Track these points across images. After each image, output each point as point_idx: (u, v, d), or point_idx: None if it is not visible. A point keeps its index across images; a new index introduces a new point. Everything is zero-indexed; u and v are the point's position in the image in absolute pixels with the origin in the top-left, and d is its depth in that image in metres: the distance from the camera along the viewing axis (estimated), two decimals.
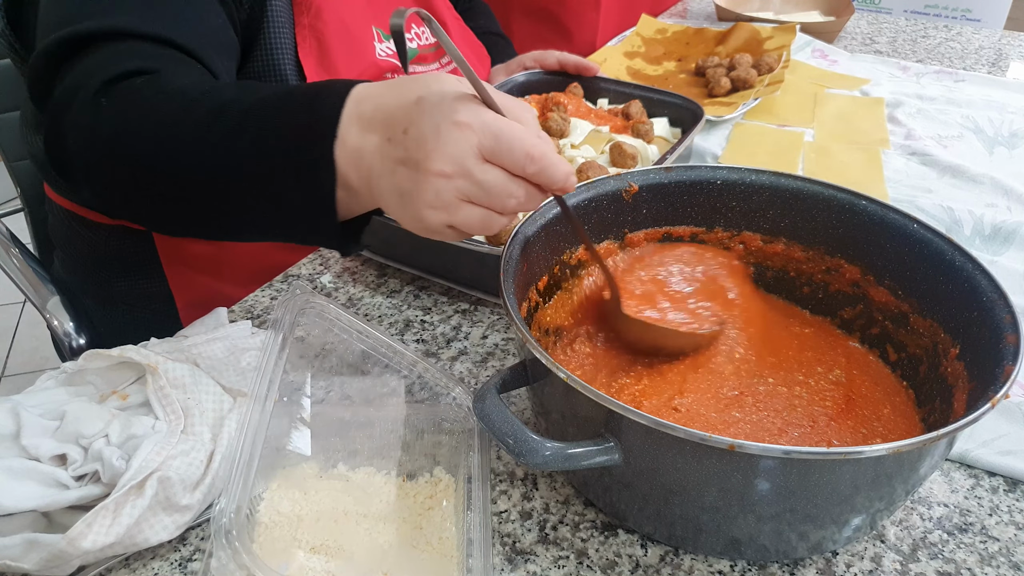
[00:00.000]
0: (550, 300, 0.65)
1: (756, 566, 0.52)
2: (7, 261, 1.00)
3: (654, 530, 0.53)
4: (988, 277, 0.54)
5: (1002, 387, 0.46)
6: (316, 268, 0.83)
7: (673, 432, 0.43)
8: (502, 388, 0.52)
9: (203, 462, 0.53)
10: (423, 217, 0.51)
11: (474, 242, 0.74)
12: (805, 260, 0.67)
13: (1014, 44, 1.51)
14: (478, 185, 0.50)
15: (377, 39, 0.91)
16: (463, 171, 0.49)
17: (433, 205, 0.51)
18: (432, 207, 0.51)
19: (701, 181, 0.67)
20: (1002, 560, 0.53)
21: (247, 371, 0.61)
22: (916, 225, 0.60)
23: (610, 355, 0.63)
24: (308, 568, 0.49)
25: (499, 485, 0.58)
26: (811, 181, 0.65)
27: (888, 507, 0.49)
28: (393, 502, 0.55)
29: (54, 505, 0.50)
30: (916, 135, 1.10)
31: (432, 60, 1.01)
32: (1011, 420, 0.63)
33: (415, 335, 0.73)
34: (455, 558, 0.51)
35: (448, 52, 0.49)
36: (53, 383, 0.58)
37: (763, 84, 1.18)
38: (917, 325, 0.59)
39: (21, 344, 2.17)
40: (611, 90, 1.09)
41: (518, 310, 0.54)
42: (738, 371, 0.61)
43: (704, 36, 1.41)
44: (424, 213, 0.51)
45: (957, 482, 0.59)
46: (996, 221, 0.89)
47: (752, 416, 0.57)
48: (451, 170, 0.49)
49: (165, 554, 0.53)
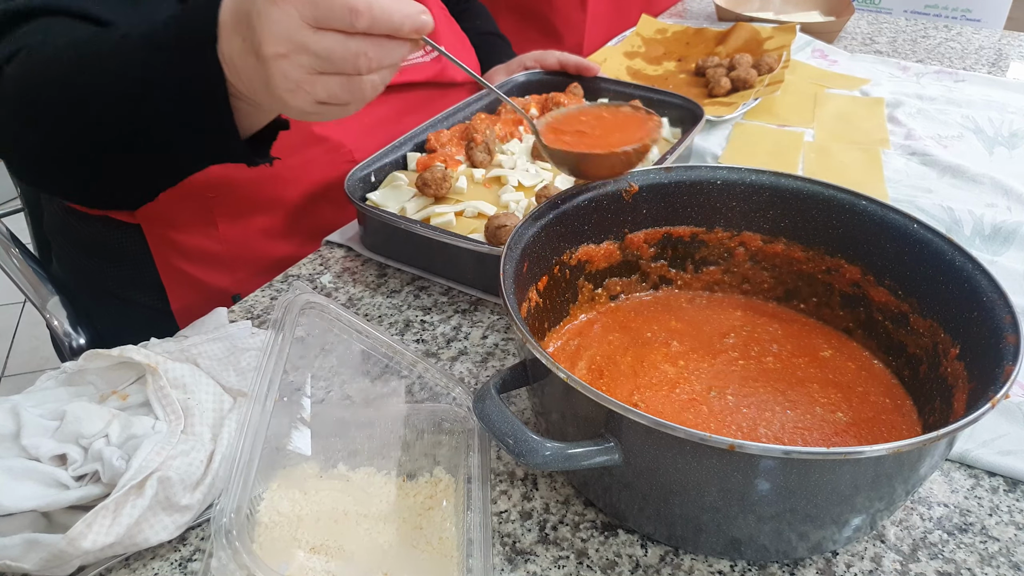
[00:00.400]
0: (550, 300, 0.65)
1: (756, 566, 0.52)
2: (7, 261, 1.00)
3: (654, 530, 0.53)
4: (988, 277, 0.54)
5: (1002, 387, 0.46)
6: (316, 268, 0.83)
7: (673, 432, 0.43)
8: (502, 388, 0.52)
9: (203, 462, 0.53)
10: (287, 102, 0.52)
11: (474, 242, 0.74)
12: (805, 260, 0.67)
13: (1014, 44, 1.51)
14: (318, 56, 0.50)
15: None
16: (297, 46, 0.49)
17: (288, 88, 0.51)
18: (288, 90, 0.51)
19: (701, 181, 0.67)
20: (1002, 560, 0.53)
21: (247, 371, 0.61)
22: (916, 225, 0.60)
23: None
24: (308, 568, 0.49)
25: (499, 485, 0.58)
26: (811, 181, 0.65)
27: (888, 507, 0.49)
28: (393, 502, 0.55)
29: (54, 505, 0.50)
30: (916, 135, 1.10)
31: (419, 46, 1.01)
32: (1011, 420, 0.63)
33: (415, 335, 0.73)
34: (455, 558, 0.51)
35: None
36: (53, 383, 0.58)
37: (763, 84, 1.18)
38: (917, 325, 0.59)
39: (21, 344, 2.17)
40: (611, 90, 1.09)
41: (518, 310, 0.54)
42: (738, 371, 0.61)
43: (704, 36, 1.41)
44: (286, 98, 0.52)
45: (957, 482, 0.59)
46: (996, 221, 0.89)
47: (751, 417, 0.57)
48: (285, 49, 0.49)
49: (165, 554, 0.53)
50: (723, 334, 0.66)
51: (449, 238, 0.75)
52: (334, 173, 0.92)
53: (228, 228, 0.90)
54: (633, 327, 0.67)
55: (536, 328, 0.62)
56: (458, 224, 0.80)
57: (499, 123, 0.98)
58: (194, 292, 0.93)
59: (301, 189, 0.91)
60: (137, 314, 0.96)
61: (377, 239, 0.83)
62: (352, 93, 0.52)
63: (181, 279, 0.93)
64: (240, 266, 0.92)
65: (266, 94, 0.53)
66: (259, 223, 0.91)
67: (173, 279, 0.93)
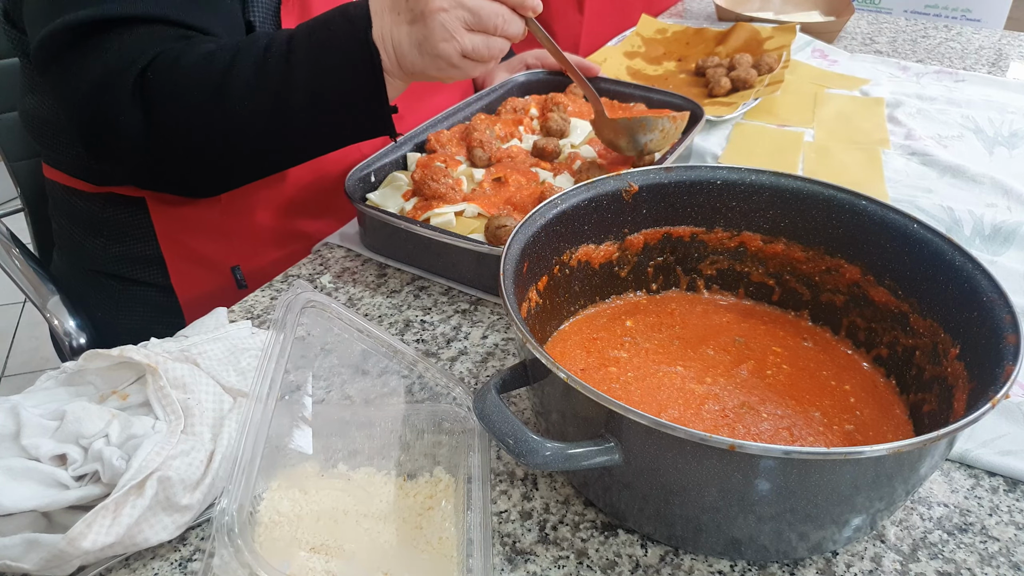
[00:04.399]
0: (550, 300, 0.65)
1: (756, 566, 0.52)
2: (7, 261, 1.00)
3: (654, 530, 0.53)
4: (988, 277, 0.54)
5: (1002, 387, 0.46)
6: (316, 268, 0.83)
7: (673, 432, 0.43)
8: (502, 388, 0.52)
9: (203, 462, 0.53)
10: (440, 51, 0.68)
11: (474, 242, 0.74)
12: (805, 260, 0.67)
13: (1014, 44, 1.51)
14: (471, 11, 0.68)
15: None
16: (456, 3, 0.67)
17: (444, 38, 0.68)
18: (444, 40, 0.68)
19: (701, 181, 0.67)
20: (1002, 560, 0.53)
21: (247, 371, 0.61)
22: (916, 225, 0.60)
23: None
24: (308, 568, 0.49)
25: (499, 485, 0.58)
26: (811, 181, 0.65)
27: (888, 507, 0.49)
28: (393, 502, 0.55)
29: (54, 505, 0.50)
30: (916, 135, 1.10)
31: None
32: (1011, 420, 0.63)
33: (415, 335, 0.73)
34: (455, 558, 0.51)
35: None
36: (53, 383, 0.58)
37: (763, 84, 1.18)
38: (917, 325, 0.59)
39: (21, 344, 2.17)
40: (611, 90, 1.09)
41: (518, 310, 0.54)
42: (737, 373, 0.61)
43: (704, 36, 1.41)
44: (440, 47, 0.68)
45: (957, 482, 0.59)
46: (996, 221, 0.89)
47: (751, 418, 0.57)
48: (447, 4, 0.67)
49: (165, 554, 0.53)
50: (723, 335, 0.66)
51: (449, 238, 0.75)
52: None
53: (230, 198, 0.91)
54: (633, 328, 0.67)
55: (536, 328, 0.62)
56: (458, 224, 0.80)
57: (499, 123, 0.98)
58: (194, 265, 0.94)
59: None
60: (138, 294, 0.97)
61: (377, 239, 0.83)
62: (490, 49, 0.70)
63: (182, 252, 0.94)
64: (240, 236, 0.94)
65: (416, 54, 0.70)
66: (261, 194, 0.92)
67: (174, 252, 0.94)
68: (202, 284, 0.95)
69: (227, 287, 0.95)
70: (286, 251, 0.95)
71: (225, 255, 0.94)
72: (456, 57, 0.69)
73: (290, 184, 0.93)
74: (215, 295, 0.94)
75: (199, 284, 0.95)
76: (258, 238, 0.94)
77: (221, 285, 0.95)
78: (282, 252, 0.95)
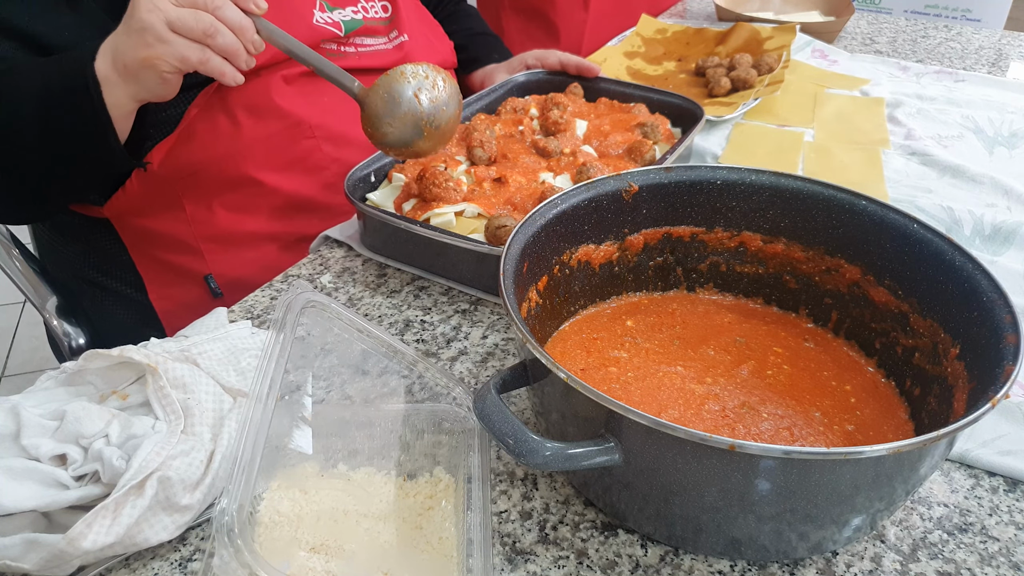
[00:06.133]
0: (550, 300, 0.65)
1: (756, 566, 0.52)
2: (7, 261, 1.00)
3: (654, 530, 0.53)
4: (988, 277, 0.54)
5: (1002, 387, 0.46)
6: (316, 268, 0.83)
7: (673, 432, 0.43)
8: (502, 388, 0.52)
9: (203, 462, 0.53)
10: (145, 22, 0.67)
11: (474, 242, 0.74)
12: (805, 260, 0.67)
13: (1014, 44, 1.51)
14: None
15: (320, 8, 0.95)
16: None
17: (148, 8, 0.67)
18: (148, 10, 0.67)
19: (701, 181, 0.67)
20: (1002, 560, 0.53)
21: (247, 371, 0.61)
22: (916, 225, 0.60)
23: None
24: (308, 567, 0.49)
25: (499, 485, 0.58)
26: (811, 181, 0.65)
27: (888, 507, 0.49)
28: (393, 502, 0.55)
29: (54, 505, 0.50)
30: (916, 135, 1.10)
31: (382, 33, 1.03)
32: (1011, 420, 0.63)
33: (415, 335, 0.73)
34: (455, 558, 0.51)
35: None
36: (53, 383, 0.58)
37: (763, 84, 1.18)
38: (917, 325, 0.59)
39: (21, 344, 2.17)
40: (611, 90, 1.09)
41: (518, 310, 0.54)
42: (737, 373, 0.61)
43: (704, 36, 1.41)
44: (145, 18, 0.67)
45: (957, 482, 0.59)
46: (996, 221, 0.89)
47: (751, 418, 0.57)
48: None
49: (165, 554, 0.53)
50: (723, 335, 0.66)
51: (449, 238, 0.75)
52: (295, 148, 0.94)
53: (195, 209, 0.92)
54: (633, 328, 0.67)
55: (536, 328, 0.62)
56: (458, 224, 0.80)
57: (499, 123, 0.98)
58: (169, 275, 0.95)
59: (263, 164, 0.93)
60: (119, 301, 0.98)
61: (377, 239, 0.83)
62: (199, 22, 0.67)
63: (155, 265, 0.95)
64: (209, 244, 0.94)
65: (124, 34, 0.70)
66: (225, 200, 0.93)
67: (147, 266, 0.95)
68: (177, 294, 0.96)
69: (203, 296, 0.96)
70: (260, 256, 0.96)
71: (196, 263, 0.95)
72: (161, 27, 0.67)
73: (250, 186, 0.93)
74: (191, 305, 0.95)
75: (174, 294, 0.96)
76: (225, 242, 0.94)
77: (197, 295, 0.96)
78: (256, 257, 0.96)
